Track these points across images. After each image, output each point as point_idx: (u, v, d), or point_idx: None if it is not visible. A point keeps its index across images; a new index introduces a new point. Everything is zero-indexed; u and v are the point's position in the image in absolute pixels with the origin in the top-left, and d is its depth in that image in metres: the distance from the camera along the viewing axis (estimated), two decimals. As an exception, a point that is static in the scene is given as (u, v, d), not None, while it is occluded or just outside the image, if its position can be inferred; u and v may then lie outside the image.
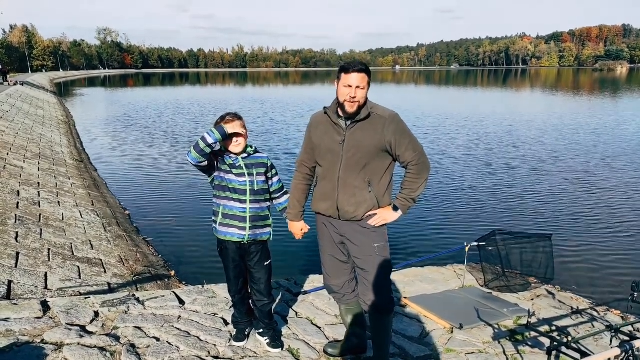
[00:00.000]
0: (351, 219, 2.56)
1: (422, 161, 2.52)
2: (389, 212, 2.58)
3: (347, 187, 2.54)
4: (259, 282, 2.92)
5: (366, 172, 2.51)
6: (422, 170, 2.52)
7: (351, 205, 2.54)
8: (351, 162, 2.50)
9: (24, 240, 4.70)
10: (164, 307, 3.43)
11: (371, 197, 2.54)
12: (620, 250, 6.42)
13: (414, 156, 2.49)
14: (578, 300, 4.69)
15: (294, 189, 2.83)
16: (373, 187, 2.54)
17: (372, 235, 2.58)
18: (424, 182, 2.55)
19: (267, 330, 3.04)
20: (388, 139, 2.46)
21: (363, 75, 2.41)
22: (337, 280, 2.79)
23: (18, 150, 9.59)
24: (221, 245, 2.87)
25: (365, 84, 2.43)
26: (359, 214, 2.54)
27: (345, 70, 2.43)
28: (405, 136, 2.48)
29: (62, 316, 3.03)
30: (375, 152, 2.48)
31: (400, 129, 2.48)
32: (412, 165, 2.51)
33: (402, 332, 3.49)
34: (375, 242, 2.58)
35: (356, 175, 2.52)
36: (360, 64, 2.45)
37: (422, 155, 2.52)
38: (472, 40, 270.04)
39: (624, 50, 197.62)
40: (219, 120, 2.75)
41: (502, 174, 10.77)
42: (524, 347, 3.43)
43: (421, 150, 2.53)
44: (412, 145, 2.49)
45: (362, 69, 2.42)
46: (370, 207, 2.55)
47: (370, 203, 2.54)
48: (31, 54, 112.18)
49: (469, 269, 5.14)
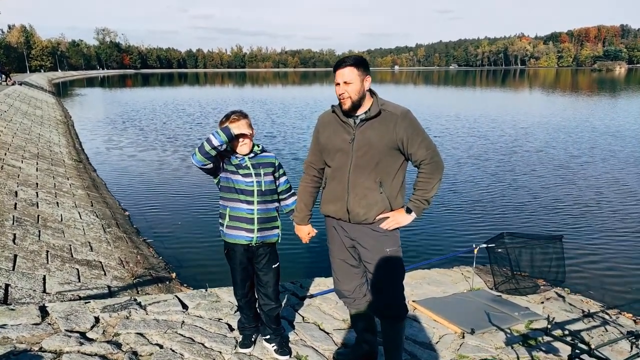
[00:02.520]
0: (362, 221, 2.45)
1: (435, 160, 2.40)
2: (402, 214, 2.46)
3: (357, 188, 2.43)
4: (266, 285, 2.81)
5: (377, 172, 2.41)
6: (435, 169, 2.41)
7: (362, 207, 2.43)
8: (361, 161, 2.40)
9: (22, 242, 4.58)
10: (166, 311, 3.31)
11: (382, 198, 2.42)
12: (631, 252, 6.31)
13: (427, 154, 2.38)
14: (588, 303, 4.59)
15: (302, 192, 2.72)
16: (385, 188, 2.42)
17: (383, 240, 2.47)
18: (438, 182, 2.44)
19: (275, 337, 2.93)
20: (400, 136, 2.35)
21: (349, 70, 2.34)
22: (347, 285, 2.68)
23: (16, 151, 9.46)
24: (228, 247, 2.76)
25: (353, 78, 2.34)
26: (370, 216, 2.44)
27: (334, 69, 2.40)
28: (418, 133, 2.38)
29: (61, 322, 2.92)
30: (387, 150, 2.38)
31: (413, 126, 2.37)
32: (424, 165, 2.40)
33: (412, 338, 3.38)
34: (388, 247, 2.47)
35: (367, 176, 2.41)
36: (348, 58, 2.38)
37: (435, 153, 2.41)
38: (470, 41, 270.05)
39: (622, 50, 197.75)
40: (224, 120, 2.63)
41: (511, 175, 10.65)
42: (538, 352, 3.33)
43: (434, 148, 2.42)
44: (425, 144, 2.39)
45: (348, 64, 2.35)
46: (381, 209, 2.44)
47: (381, 205, 2.43)
48: (29, 54, 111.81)
49: (477, 271, 5.04)
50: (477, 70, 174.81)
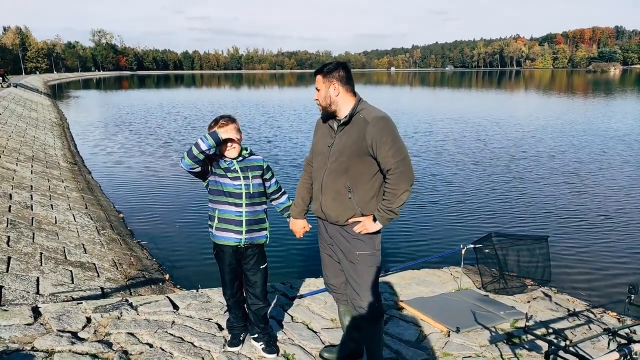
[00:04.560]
0: (335, 222, 2.54)
1: (401, 170, 2.32)
2: (370, 221, 2.46)
3: (328, 191, 2.52)
4: (254, 285, 2.88)
5: (348, 177, 2.45)
6: (400, 179, 2.32)
7: (332, 210, 2.51)
8: (334, 166, 2.48)
9: (16, 244, 4.63)
10: (157, 312, 3.38)
11: (352, 203, 2.46)
12: (617, 252, 6.43)
13: (393, 163, 2.31)
14: (574, 303, 4.67)
15: (300, 187, 2.82)
16: (355, 194, 2.45)
17: (355, 242, 2.51)
18: (404, 194, 2.34)
19: (262, 335, 3.00)
20: (369, 142, 2.34)
21: (317, 78, 2.50)
22: (334, 280, 2.77)
23: (11, 153, 9.49)
24: (217, 248, 2.84)
25: (320, 86, 2.49)
26: (341, 219, 2.50)
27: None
28: (386, 141, 2.31)
29: (53, 322, 2.98)
30: (358, 156, 2.39)
31: (383, 132, 2.32)
32: (390, 174, 2.34)
33: (398, 336, 3.46)
34: (359, 250, 2.51)
35: (337, 180, 2.48)
36: (322, 66, 2.52)
37: (402, 163, 2.32)
38: (466, 42, 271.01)
39: (616, 51, 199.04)
40: (213, 124, 2.72)
41: (498, 176, 10.78)
42: (521, 350, 3.41)
43: (403, 158, 2.33)
44: (393, 152, 2.31)
45: (318, 72, 2.51)
46: (351, 214, 2.48)
47: (351, 210, 2.47)
48: (25, 56, 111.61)
49: (465, 271, 5.12)
50: (473, 72, 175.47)
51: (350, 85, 2.48)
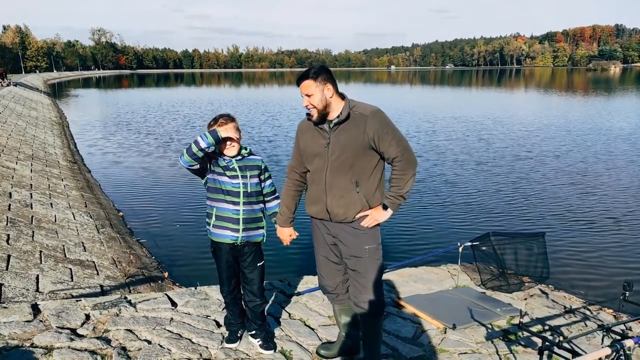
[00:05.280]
0: (342, 220, 2.56)
1: (407, 157, 2.46)
2: (380, 211, 2.55)
3: (334, 189, 2.53)
4: (251, 282, 2.91)
5: (353, 172, 2.50)
6: (407, 166, 2.47)
7: (340, 207, 2.53)
8: (337, 164, 2.50)
9: (16, 242, 4.66)
10: (156, 309, 3.41)
11: (360, 197, 2.51)
12: (613, 249, 6.45)
13: (398, 151, 2.44)
14: (571, 300, 4.70)
15: (284, 195, 2.82)
16: (361, 188, 2.51)
17: (363, 237, 2.56)
18: (411, 178, 2.50)
19: (260, 332, 3.03)
20: (371, 136, 2.42)
21: (307, 82, 2.44)
22: (330, 281, 2.79)
23: (10, 152, 9.52)
24: (214, 246, 2.87)
25: (312, 90, 2.44)
26: (349, 215, 2.53)
27: (297, 83, 2.50)
28: (388, 132, 2.43)
29: (52, 319, 3.01)
30: (361, 151, 2.46)
31: (383, 124, 2.43)
32: (396, 162, 2.46)
33: (395, 333, 3.49)
34: (366, 244, 2.56)
35: (343, 177, 2.50)
36: (307, 71, 2.48)
37: (406, 150, 2.46)
38: (466, 41, 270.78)
39: (617, 50, 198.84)
40: (212, 123, 2.74)
41: (496, 174, 10.81)
42: (516, 346, 3.43)
43: (405, 145, 2.47)
44: (396, 141, 2.44)
45: (306, 77, 2.45)
46: (359, 208, 2.53)
47: (359, 204, 2.52)
48: (25, 55, 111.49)
49: (463, 268, 5.15)
50: (473, 70, 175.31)
51: (336, 84, 2.53)
